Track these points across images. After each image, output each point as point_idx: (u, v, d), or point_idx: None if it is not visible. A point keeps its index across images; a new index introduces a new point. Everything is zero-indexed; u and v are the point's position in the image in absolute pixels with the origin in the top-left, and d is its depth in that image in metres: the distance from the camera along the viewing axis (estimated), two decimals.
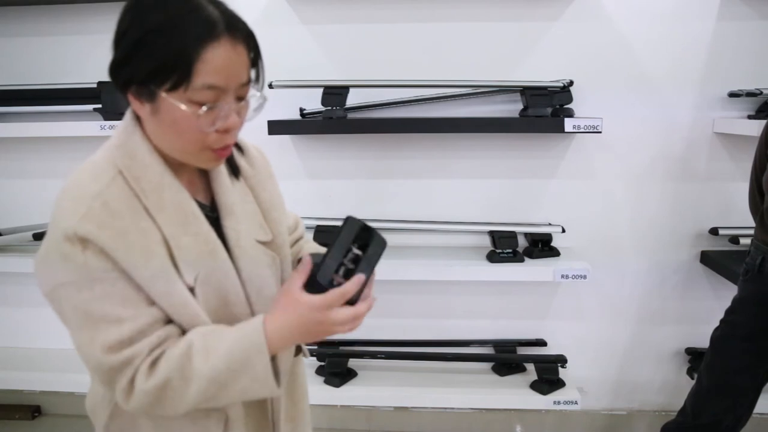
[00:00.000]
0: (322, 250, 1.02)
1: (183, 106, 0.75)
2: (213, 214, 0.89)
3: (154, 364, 0.79)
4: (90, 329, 0.77)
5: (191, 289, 0.82)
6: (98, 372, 0.79)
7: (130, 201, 0.80)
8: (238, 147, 0.97)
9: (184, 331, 0.82)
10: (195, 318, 0.82)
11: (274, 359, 0.83)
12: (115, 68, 0.78)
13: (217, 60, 0.74)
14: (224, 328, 0.83)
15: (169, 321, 0.82)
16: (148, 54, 0.74)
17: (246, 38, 0.78)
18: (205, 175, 0.91)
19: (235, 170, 0.93)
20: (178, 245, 0.81)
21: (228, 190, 0.90)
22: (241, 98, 0.80)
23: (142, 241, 0.78)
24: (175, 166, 0.84)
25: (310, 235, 2.07)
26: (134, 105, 0.80)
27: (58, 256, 0.76)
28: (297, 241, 1.12)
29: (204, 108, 0.76)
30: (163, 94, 0.75)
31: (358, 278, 0.82)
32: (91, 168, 0.81)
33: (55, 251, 0.77)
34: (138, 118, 0.83)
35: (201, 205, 0.87)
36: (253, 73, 0.82)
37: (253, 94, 0.83)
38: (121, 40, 0.76)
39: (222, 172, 0.90)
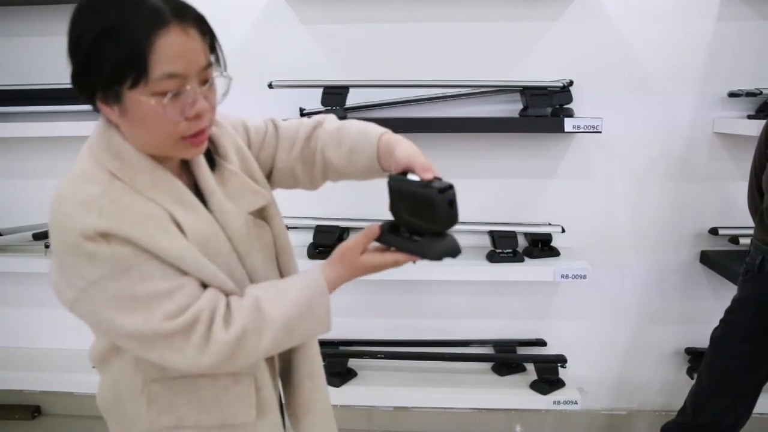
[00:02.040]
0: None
1: (148, 100, 0.76)
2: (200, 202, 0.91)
3: (226, 317, 0.83)
4: (142, 309, 0.79)
5: None
6: (169, 340, 0.80)
7: (133, 195, 0.81)
8: None
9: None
10: (225, 284, 0.86)
11: None
12: (76, 79, 0.78)
13: (170, 47, 0.75)
14: (280, 280, 0.92)
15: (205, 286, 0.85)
16: (103, 57, 0.74)
17: (196, 22, 0.78)
18: (186, 166, 0.92)
19: (210, 160, 0.94)
20: (189, 229, 0.83)
21: (208, 176, 0.91)
22: (204, 82, 0.81)
23: (160, 226, 0.80)
24: (160, 159, 0.85)
25: (308, 235, 2.07)
26: (104, 111, 0.80)
27: (83, 258, 0.76)
28: (295, 133, 1.04)
29: (168, 96, 0.76)
30: (127, 93, 0.75)
31: (406, 257, 0.89)
32: (82, 175, 0.82)
33: (76, 255, 0.77)
34: (112, 124, 0.83)
35: None
36: (213, 57, 0.82)
37: (217, 76, 0.83)
38: (75, 50, 0.77)
39: (201, 158, 0.92)
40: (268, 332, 0.84)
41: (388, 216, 0.93)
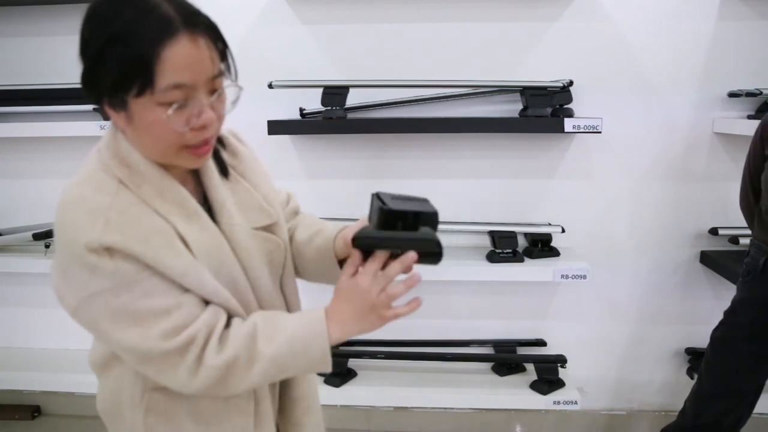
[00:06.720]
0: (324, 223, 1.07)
1: (153, 109, 0.75)
2: (208, 213, 0.90)
3: (221, 341, 0.81)
4: (139, 326, 0.78)
5: None
6: (164, 359, 0.80)
7: (140, 207, 0.80)
8: (220, 141, 0.97)
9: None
10: (227, 302, 0.85)
11: None
12: (84, 82, 0.78)
13: (178, 58, 0.73)
14: (283, 314, 0.89)
15: (207, 303, 0.84)
16: (109, 64, 0.73)
17: (208, 31, 0.77)
18: (195, 174, 0.91)
19: (223, 169, 0.93)
20: (193, 241, 0.83)
21: (218, 186, 0.91)
22: (213, 91, 0.80)
23: (165, 241, 0.80)
24: (167, 167, 0.84)
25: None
26: (111, 116, 0.80)
27: (86, 269, 0.76)
28: (295, 214, 1.12)
29: (173, 107, 0.75)
30: (132, 101, 0.75)
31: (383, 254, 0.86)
32: (90, 180, 0.81)
33: (80, 265, 0.76)
34: (120, 130, 0.83)
35: None
36: (224, 65, 0.81)
37: (228, 86, 0.82)
38: (84, 53, 0.76)
39: (211, 168, 0.91)
40: (258, 365, 0.82)
41: None
